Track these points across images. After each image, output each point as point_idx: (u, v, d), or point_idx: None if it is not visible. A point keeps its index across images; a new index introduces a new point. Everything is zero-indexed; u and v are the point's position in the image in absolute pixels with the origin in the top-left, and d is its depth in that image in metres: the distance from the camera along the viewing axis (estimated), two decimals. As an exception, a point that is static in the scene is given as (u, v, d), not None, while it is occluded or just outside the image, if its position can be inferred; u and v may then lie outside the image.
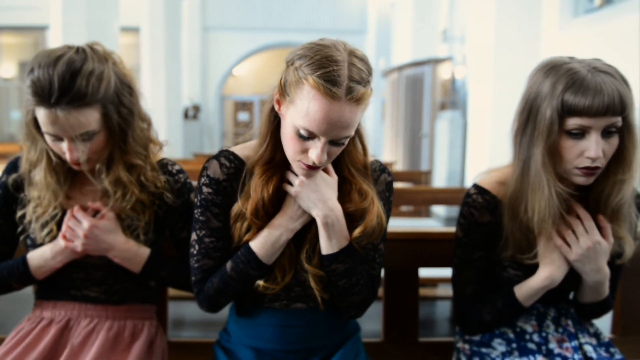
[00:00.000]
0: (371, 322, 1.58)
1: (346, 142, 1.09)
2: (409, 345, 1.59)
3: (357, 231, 1.16)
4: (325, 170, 1.17)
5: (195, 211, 1.20)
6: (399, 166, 8.46)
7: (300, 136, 1.05)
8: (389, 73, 9.59)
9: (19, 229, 1.32)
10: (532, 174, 1.19)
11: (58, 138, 1.20)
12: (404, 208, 4.38)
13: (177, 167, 1.37)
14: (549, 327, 1.34)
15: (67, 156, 1.20)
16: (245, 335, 1.24)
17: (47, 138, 1.21)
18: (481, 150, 5.43)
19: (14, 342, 1.28)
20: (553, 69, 1.16)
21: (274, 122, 1.15)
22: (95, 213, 1.30)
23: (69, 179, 1.31)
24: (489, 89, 5.23)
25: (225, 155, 1.19)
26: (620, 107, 1.11)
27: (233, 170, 1.18)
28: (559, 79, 1.14)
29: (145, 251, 1.31)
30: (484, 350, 1.35)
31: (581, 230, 1.22)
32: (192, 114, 12.23)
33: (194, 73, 12.87)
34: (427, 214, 4.81)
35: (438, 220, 6.29)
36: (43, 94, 1.13)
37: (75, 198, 1.32)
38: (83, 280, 1.33)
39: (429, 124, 7.82)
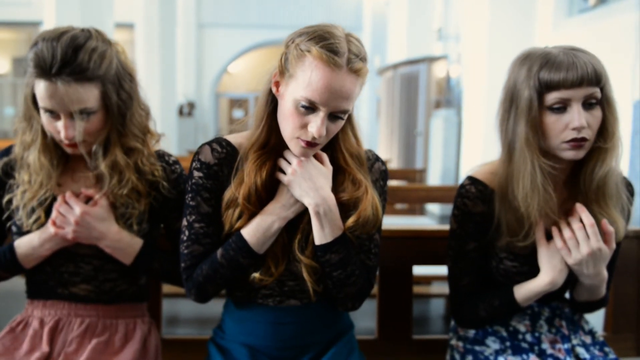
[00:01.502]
0: (365, 319, 1.59)
1: (344, 118, 1.11)
2: (402, 343, 1.60)
3: (350, 220, 1.16)
4: (320, 160, 1.17)
5: (186, 196, 1.20)
6: (393, 164, 8.47)
7: (301, 108, 1.07)
8: (384, 71, 9.59)
9: (5, 215, 1.29)
10: (517, 154, 1.22)
11: (55, 116, 1.18)
12: (398, 206, 4.38)
13: (173, 158, 1.35)
14: (542, 327, 1.34)
15: (62, 134, 1.18)
16: (240, 332, 1.24)
17: (44, 117, 1.19)
18: (475, 148, 5.44)
19: (4, 348, 1.26)
20: (528, 56, 1.21)
21: (271, 105, 1.16)
22: (88, 200, 1.27)
23: (62, 164, 1.29)
24: (483, 88, 5.24)
25: (217, 141, 1.21)
26: (595, 77, 1.15)
27: (224, 155, 1.19)
28: (533, 62, 1.19)
29: (137, 242, 1.29)
30: (477, 348, 1.35)
31: (583, 235, 1.21)
32: (186, 111, 12.20)
33: (188, 70, 12.84)
34: (422, 211, 4.83)
35: (432, 218, 6.31)
36: (45, 65, 1.13)
37: (66, 185, 1.29)
38: (72, 274, 1.30)
39: (424, 122, 7.83)
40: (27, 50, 1.17)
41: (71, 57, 1.13)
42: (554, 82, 1.15)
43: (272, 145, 1.18)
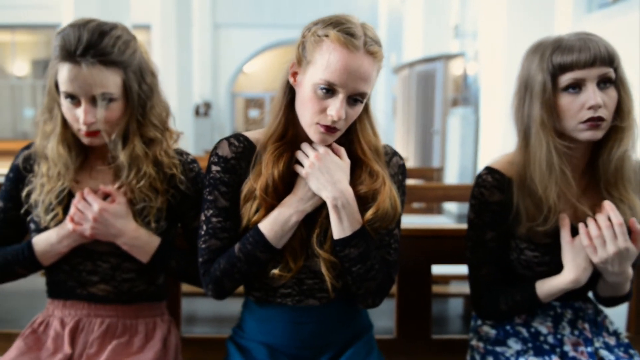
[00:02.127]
0: (384, 319, 1.58)
1: (362, 102, 1.12)
2: (421, 342, 1.59)
3: (369, 213, 1.15)
4: (337, 154, 1.16)
5: (204, 191, 1.21)
6: (410, 163, 8.43)
7: (320, 91, 1.08)
8: (400, 69, 9.55)
9: (23, 209, 1.29)
10: (532, 138, 1.22)
11: (76, 102, 1.19)
12: (415, 205, 4.36)
13: (191, 157, 1.36)
14: (564, 329, 1.31)
15: (82, 119, 1.19)
16: (259, 331, 1.24)
17: (64, 103, 1.21)
18: (493, 146, 5.40)
19: (27, 347, 1.26)
20: (540, 45, 1.23)
21: (288, 96, 1.17)
22: (105, 197, 1.27)
23: (81, 158, 1.29)
24: (501, 85, 5.20)
25: (235, 136, 1.22)
26: (608, 57, 1.16)
27: (242, 149, 1.20)
28: (546, 48, 1.21)
29: (155, 240, 1.28)
30: (498, 349, 1.33)
31: (610, 234, 1.18)
32: (203, 111, 12.28)
33: (204, 70, 12.92)
34: (439, 210, 4.80)
35: (450, 217, 6.27)
36: (70, 47, 1.16)
37: (83, 182, 1.29)
38: (90, 272, 1.30)
39: (441, 120, 7.79)
40: (48, 51, 1.19)
41: (96, 41, 1.17)
42: (567, 63, 1.16)
43: (289, 137, 1.18)
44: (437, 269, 1.65)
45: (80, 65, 1.16)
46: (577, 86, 1.18)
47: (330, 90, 1.08)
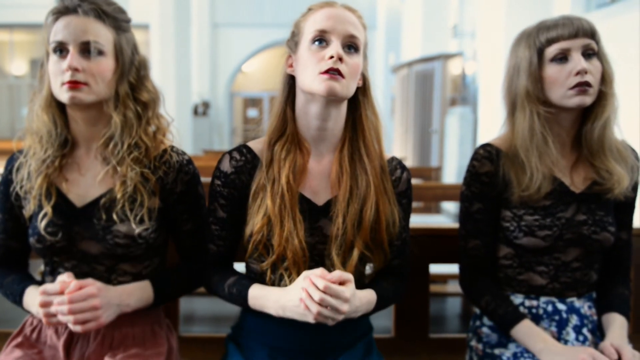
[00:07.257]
0: (382, 318, 1.58)
1: (358, 52, 1.17)
2: (419, 341, 1.59)
3: (385, 233, 1.21)
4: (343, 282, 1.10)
5: (209, 199, 1.27)
6: (408, 162, 8.43)
7: (315, 44, 1.14)
8: (399, 69, 9.55)
9: (20, 204, 1.26)
10: (518, 108, 1.30)
11: (64, 55, 1.18)
12: (413, 204, 4.36)
13: (187, 157, 1.32)
14: (569, 335, 1.30)
15: (67, 63, 1.17)
16: (260, 332, 1.24)
17: (52, 61, 1.20)
18: (492, 146, 5.39)
19: (24, 354, 1.23)
20: (524, 32, 1.32)
21: (287, 90, 1.23)
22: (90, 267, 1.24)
23: (65, 133, 1.25)
24: (499, 85, 5.19)
25: (238, 149, 1.25)
26: (590, 30, 1.26)
27: (242, 162, 1.23)
28: (530, 31, 1.30)
29: (146, 285, 1.26)
30: (497, 352, 1.33)
31: None
32: (201, 110, 12.27)
33: (203, 70, 12.90)
34: (437, 210, 4.80)
35: (448, 216, 6.26)
36: (68, 3, 1.19)
37: (72, 180, 1.26)
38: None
39: (439, 119, 7.79)
40: (42, 53, 1.19)
41: (94, 0, 1.20)
42: (553, 36, 1.25)
43: (288, 133, 1.21)
44: (435, 268, 1.65)
45: (77, 12, 1.18)
46: (563, 57, 1.25)
47: (323, 40, 1.14)
